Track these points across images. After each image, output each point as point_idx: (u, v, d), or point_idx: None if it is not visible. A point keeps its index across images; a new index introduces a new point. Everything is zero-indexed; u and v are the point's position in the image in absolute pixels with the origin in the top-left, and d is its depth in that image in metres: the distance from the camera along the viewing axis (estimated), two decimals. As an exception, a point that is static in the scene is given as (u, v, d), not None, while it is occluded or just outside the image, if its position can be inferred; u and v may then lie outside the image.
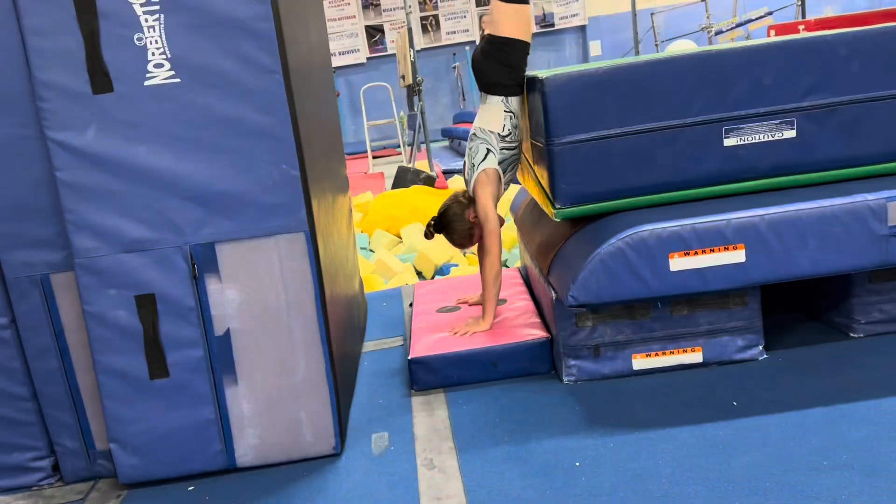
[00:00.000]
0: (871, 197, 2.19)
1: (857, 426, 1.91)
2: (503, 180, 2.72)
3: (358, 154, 10.33)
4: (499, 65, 2.62)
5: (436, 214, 2.83)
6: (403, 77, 8.71)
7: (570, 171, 2.35)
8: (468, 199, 2.77)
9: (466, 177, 2.77)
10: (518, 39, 2.60)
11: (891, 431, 1.86)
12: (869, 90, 2.31)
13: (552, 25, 12.08)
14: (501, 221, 2.72)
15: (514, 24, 2.59)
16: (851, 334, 2.45)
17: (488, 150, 2.68)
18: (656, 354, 2.37)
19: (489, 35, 2.66)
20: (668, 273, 2.20)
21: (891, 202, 2.18)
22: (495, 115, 2.67)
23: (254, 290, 2.04)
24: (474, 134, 2.73)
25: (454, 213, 2.76)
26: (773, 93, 2.31)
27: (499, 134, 2.67)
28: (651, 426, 2.06)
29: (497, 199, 2.70)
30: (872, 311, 2.41)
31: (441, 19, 12.08)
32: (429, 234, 2.84)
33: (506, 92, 2.65)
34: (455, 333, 2.64)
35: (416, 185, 6.23)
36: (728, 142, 2.33)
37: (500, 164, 2.69)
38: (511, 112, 2.67)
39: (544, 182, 2.47)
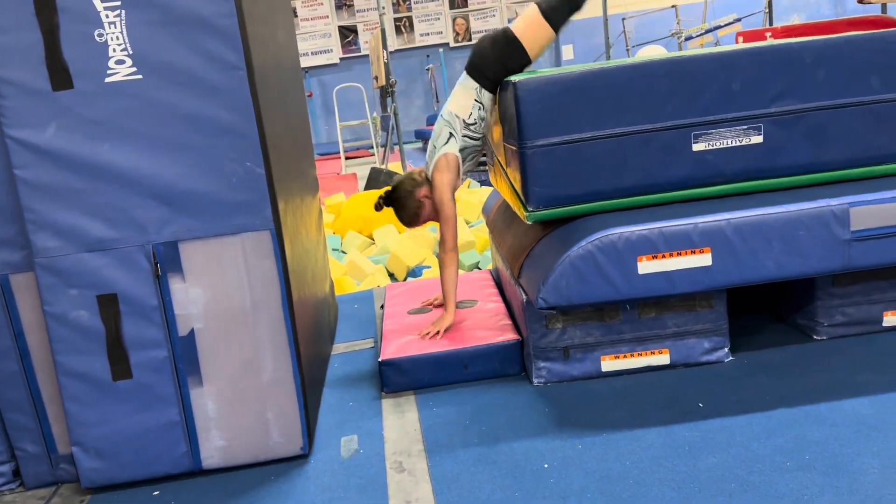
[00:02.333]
0: (834, 202, 2.23)
1: (819, 427, 1.94)
2: (461, 169, 2.72)
3: (331, 155, 10.28)
4: (496, 56, 2.64)
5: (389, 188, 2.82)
6: (377, 78, 8.68)
7: (543, 174, 2.36)
8: (423, 179, 2.76)
9: (427, 158, 2.76)
10: (526, 49, 2.63)
11: (851, 432, 1.90)
12: (834, 97, 2.35)
13: (525, 29, 12.12)
14: None
15: (532, 36, 2.62)
16: (815, 337, 2.49)
17: (451, 135, 2.69)
18: (625, 356, 2.39)
19: (508, 28, 2.68)
20: (636, 276, 2.22)
21: (853, 207, 2.22)
22: (465, 101, 2.69)
23: (218, 290, 2.01)
24: (441, 116, 2.74)
25: (405, 190, 2.75)
26: (741, 99, 2.34)
27: (464, 120, 2.69)
28: (619, 427, 2.07)
29: (454, 187, 2.70)
30: (835, 314, 2.45)
31: (415, 21, 12.07)
32: (378, 206, 2.83)
33: (483, 83, 2.67)
34: (425, 336, 2.63)
35: (388, 187, 6.20)
36: (697, 146, 2.36)
37: (460, 150, 2.70)
38: (481, 104, 2.69)
39: (517, 185, 2.48)
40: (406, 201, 2.76)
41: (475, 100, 2.68)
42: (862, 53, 2.33)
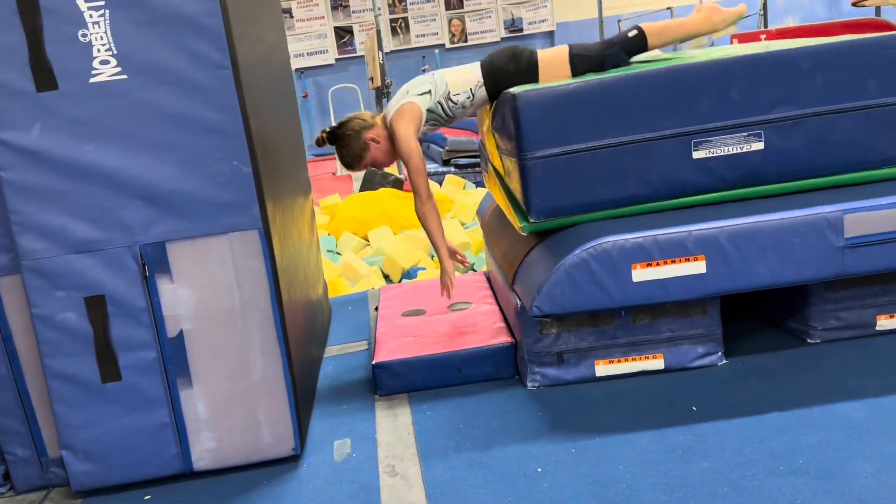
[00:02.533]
0: (827, 209, 2.23)
1: (812, 431, 1.93)
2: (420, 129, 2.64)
3: (326, 156, 10.26)
4: (510, 72, 2.58)
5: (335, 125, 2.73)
6: (372, 79, 8.67)
7: (544, 185, 2.35)
8: (376, 122, 2.66)
9: (393, 100, 2.66)
10: (539, 81, 2.58)
11: (844, 436, 1.89)
12: (832, 102, 2.35)
13: (521, 31, 12.15)
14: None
15: (551, 71, 2.56)
16: (808, 340, 2.48)
17: (429, 91, 2.61)
18: (619, 361, 2.38)
19: (535, 54, 2.62)
20: (630, 284, 2.21)
21: (847, 215, 2.22)
22: (462, 82, 2.62)
23: (207, 290, 2.00)
24: (432, 74, 2.67)
25: (352, 129, 2.64)
26: (741, 106, 2.33)
27: (449, 93, 2.61)
28: (612, 431, 2.06)
29: (417, 139, 2.61)
30: (829, 318, 2.45)
31: (410, 22, 12.07)
32: (319, 142, 2.74)
33: (487, 85, 2.62)
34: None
35: (383, 188, 6.20)
36: (697, 154, 2.35)
37: (427, 111, 2.61)
38: (472, 96, 2.63)
39: (518, 196, 2.46)
40: (350, 141, 2.64)
41: (471, 89, 2.62)
42: (859, 58, 2.33)
